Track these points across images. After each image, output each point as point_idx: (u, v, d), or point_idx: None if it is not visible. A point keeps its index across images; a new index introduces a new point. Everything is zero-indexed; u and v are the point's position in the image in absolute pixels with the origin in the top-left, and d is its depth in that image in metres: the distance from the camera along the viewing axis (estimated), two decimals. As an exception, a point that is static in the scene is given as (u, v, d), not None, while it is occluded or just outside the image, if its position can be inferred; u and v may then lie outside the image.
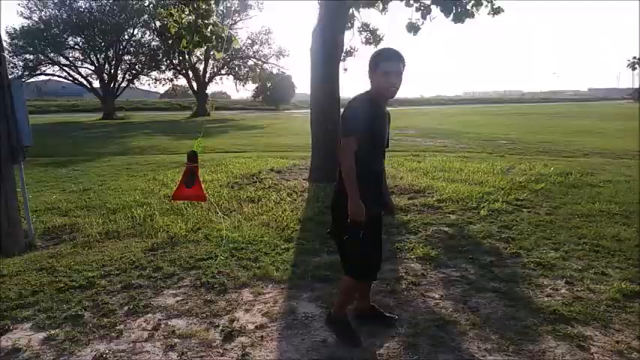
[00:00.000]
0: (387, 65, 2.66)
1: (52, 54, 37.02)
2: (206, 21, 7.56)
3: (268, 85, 51.29)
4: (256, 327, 3.11)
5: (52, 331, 3.05)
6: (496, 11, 8.98)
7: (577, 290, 3.60)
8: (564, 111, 41.14)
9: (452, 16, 8.46)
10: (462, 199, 6.50)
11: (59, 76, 39.40)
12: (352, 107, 2.69)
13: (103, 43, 38.52)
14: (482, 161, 10.14)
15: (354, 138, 2.60)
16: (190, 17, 7.69)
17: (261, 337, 2.99)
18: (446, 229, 5.24)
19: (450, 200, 6.48)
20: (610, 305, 3.32)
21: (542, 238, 4.86)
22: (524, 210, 5.99)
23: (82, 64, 39.49)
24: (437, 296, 3.54)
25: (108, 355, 2.78)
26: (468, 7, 8.52)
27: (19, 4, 58.51)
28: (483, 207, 6.04)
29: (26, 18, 36.55)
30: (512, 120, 28.29)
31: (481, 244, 4.70)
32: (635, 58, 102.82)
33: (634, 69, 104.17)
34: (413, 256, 4.35)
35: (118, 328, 3.10)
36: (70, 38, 37.58)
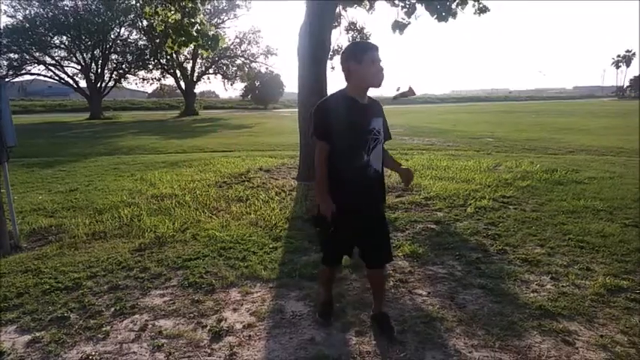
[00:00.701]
0: (372, 55, 2.67)
1: (37, 53, 36.53)
2: (192, 19, 7.52)
3: (257, 83, 51.16)
4: (244, 326, 3.10)
5: (37, 334, 3.02)
6: (482, 10, 9.05)
7: (562, 286, 3.64)
8: (550, 109, 41.58)
9: (436, 15, 8.51)
10: (449, 197, 6.55)
11: (45, 76, 38.91)
12: (319, 109, 2.74)
13: (89, 42, 38.10)
14: (469, 159, 10.22)
15: (322, 142, 2.71)
16: (176, 16, 7.65)
17: (249, 336, 2.98)
18: (433, 226, 5.27)
19: (437, 198, 6.52)
20: (594, 300, 3.37)
21: (528, 234, 4.91)
22: (511, 207, 6.04)
23: (68, 63, 39.07)
24: (424, 293, 3.56)
25: (94, 357, 2.75)
26: (453, 6, 8.57)
27: (2, 3, 57.69)
28: (470, 204, 6.09)
29: (10, 17, 36.12)
30: (498, 118, 28.53)
31: (468, 241, 4.74)
32: (619, 56, 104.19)
33: (618, 67, 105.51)
34: (400, 254, 4.37)
35: (104, 329, 3.08)
36: (55, 37, 37.10)
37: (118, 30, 39.22)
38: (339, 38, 24.67)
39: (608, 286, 3.56)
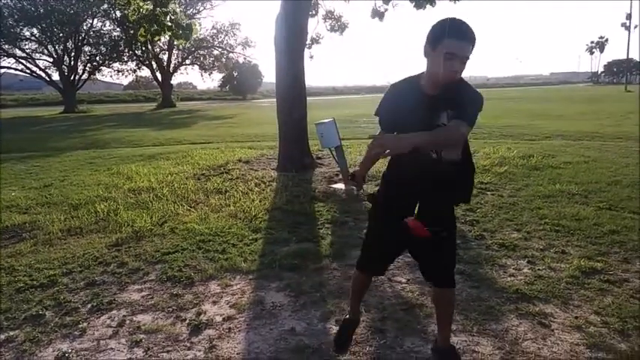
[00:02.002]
0: (452, 44, 1.99)
1: (6, 46, 35.45)
2: (164, 9, 7.37)
3: (235, 74, 50.67)
4: (224, 319, 3.08)
5: (11, 333, 2.96)
6: (457, -3, 9.05)
7: (538, 269, 3.70)
8: (527, 95, 42.11)
9: (414, 2, 8.50)
10: (429, 184, 6.58)
11: (15, 69, 37.89)
12: (386, 93, 2.31)
13: (61, 34, 37.14)
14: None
15: (381, 128, 2.34)
16: (149, 5, 7.48)
17: (229, 328, 2.97)
18: (413, 214, 5.29)
19: (416, 185, 6.55)
20: (569, 282, 3.43)
21: (505, 219, 4.98)
22: (488, 193, 6.11)
23: (39, 56, 38.06)
24: (403, 280, 3.58)
25: (71, 355, 2.71)
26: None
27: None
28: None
29: (-24, 8, 34.92)
30: (477, 105, 28.75)
31: (447, 227, 4.77)
32: (592, 42, 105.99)
33: (592, 53, 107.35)
34: (380, 242, 4.38)
35: (81, 326, 3.03)
36: (25, 29, 36.06)
37: (91, 21, 38.36)
38: (317, 27, 24.51)
39: (582, 268, 3.64)
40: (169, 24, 6.59)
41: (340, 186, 6.81)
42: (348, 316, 2.75)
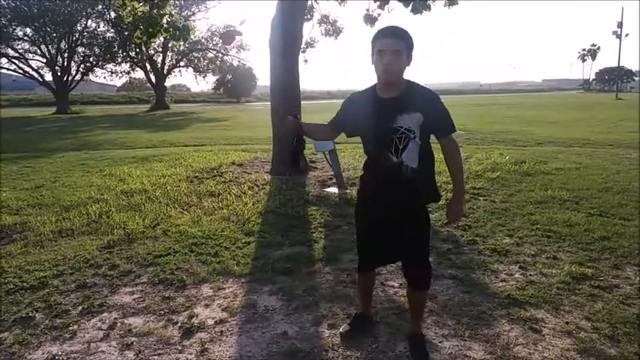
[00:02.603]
0: (380, 43, 2.30)
1: (-1, 45, 35.24)
2: (161, 11, 7.36)
3: (229, 77, 50.60)
4: (216, 322, 3.07)
5: (0, 335, 2.92)
6: (451, 2, 9.13)
7: (530, 275, 3.72)
8: (520, 102, 42.39)
9: (410, 7, 8.55)
10: (422, 189, 6.60)
11: (7, 69, 37.63)
12: (344, 100, 2.65)
13: (54, 34, 36.94)
14: (441, 151, 10.31)
15: (330, 123, 2.73)
16: (145, 7, 7.47)
17: (221, 332, 2.96)
18: (405, 218, 5.31)
19: (409, 190, 6.56)
20: (561, 288, 3.45)
21: (498, 225, 5.00)
22: (481, 198, 6.14)
23: (32, 56, 37.83)
24: (396, 285, 3.59)
25: (61, 357, 2.68)
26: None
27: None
28: (441, 196, 6.15)
29: (-31, 8, 34.69)
30: (470, 111, 28.92)
31: (439, 232, 4.80)
32: (584, 49, 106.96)
33: (584, 60, 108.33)
34: (373, 246, 4.39)
35: (71, 328, 3.00)
36: (18, 29, 35.84)
37: (85, 22, 38.16)
38: (312, 31, 24.54)
39: (573, 274, 3.66)
40: (166, 25, 6.58)
41: (334, 190, 6.82)
42: (360, 312, 2.95)
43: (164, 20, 7.82)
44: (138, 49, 38.34)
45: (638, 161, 8.81)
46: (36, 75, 37.72)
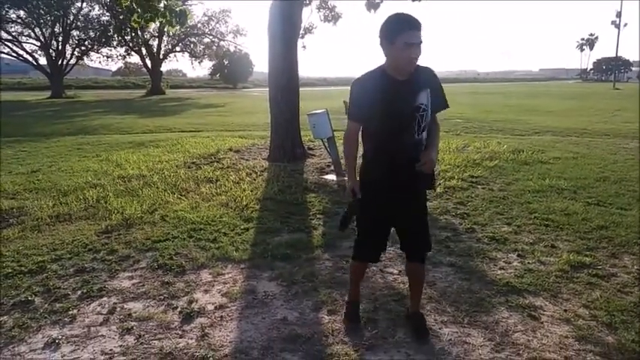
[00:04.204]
0: (408, 36, 2.32)
1: (-10, 28, 34.70)
2: (158, -5, 7.25)
3: (225, 62, 50.18)
4: (216, 307, 3.08)
5: (0, 318, 2.92)
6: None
7: (528, 263, 3.74)
8: (517, 91, 42.33)
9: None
10: (420, 177, 6.60)
11: (1, 52, 37.13)
12: (353, 88, 2.52)
13: (48, 17, 36.40)
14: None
15: (354, 123, 2.57)
16: (142, -10, 7.34)
17: (221, 317, 2.96)
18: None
19: (407, 178, 6.56)
20: (559, 276, 3.47)
21: (496, 213, 5.02)
22: (479, 187, 6.15)
23: (26, 39, 37.29)
24: (395, 272, 3.60)
25: (60, 341, 2.68)
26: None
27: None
28: (439, 184, 6.16)
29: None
30: (467, 99, 28.86)
31: (437, 220, 4.81)
32: (582, 39, 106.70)
33: (582, 50, 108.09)
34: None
35: (71, 312, 3.00)
36: (11, 11, 35.26)
37: (80, 5, 37.61)
38: (310, 17, 24.38)
39: (571, 262, 3.68)
40: (162, 9, 6.49)
41: (332, 177, 6.81)
42: (351, 299, 2.94)
43: (161, 4, 7.70)
44: (133, 34, 37.87)
45: (636, 151, 8.83)
46: (30, 58, 37.23)
